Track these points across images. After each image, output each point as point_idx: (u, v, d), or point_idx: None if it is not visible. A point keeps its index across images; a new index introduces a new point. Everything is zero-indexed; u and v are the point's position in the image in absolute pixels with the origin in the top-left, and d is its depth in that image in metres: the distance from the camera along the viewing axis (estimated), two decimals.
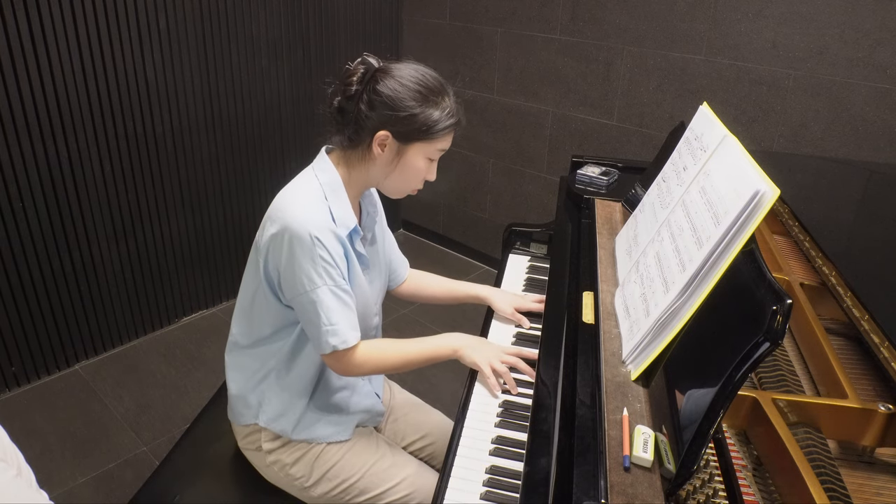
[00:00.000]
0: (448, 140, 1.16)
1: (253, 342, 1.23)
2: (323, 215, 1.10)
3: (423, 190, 1.23)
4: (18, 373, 2.29)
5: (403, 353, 1.21)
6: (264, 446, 1.24)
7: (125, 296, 2.49)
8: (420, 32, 3.11)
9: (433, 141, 1.13)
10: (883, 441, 0.86)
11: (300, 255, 1.07)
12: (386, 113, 1.09)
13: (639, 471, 0.78)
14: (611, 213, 1.47)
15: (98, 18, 2.11)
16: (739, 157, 0.92)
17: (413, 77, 1.11)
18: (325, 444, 1.24)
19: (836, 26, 1.97)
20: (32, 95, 2.03)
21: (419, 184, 1.19)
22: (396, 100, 1.09)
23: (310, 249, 1.07)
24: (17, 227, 2.11)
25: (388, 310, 2.78)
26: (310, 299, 1.09)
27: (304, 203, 1.10)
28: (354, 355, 1.15)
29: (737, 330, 0.75)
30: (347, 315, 1.13)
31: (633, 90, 2.48)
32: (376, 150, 1.12)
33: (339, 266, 1.11)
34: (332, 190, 1.14)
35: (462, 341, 1.23)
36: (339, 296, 1.11)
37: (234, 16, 2.47)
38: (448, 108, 1.13)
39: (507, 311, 1.38)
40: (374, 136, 1.11)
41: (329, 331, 1.10)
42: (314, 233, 1.06)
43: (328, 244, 1.08)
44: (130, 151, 2.33)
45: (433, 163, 1.18)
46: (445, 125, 1.12)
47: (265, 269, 1.14)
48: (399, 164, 1.14)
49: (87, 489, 1.92)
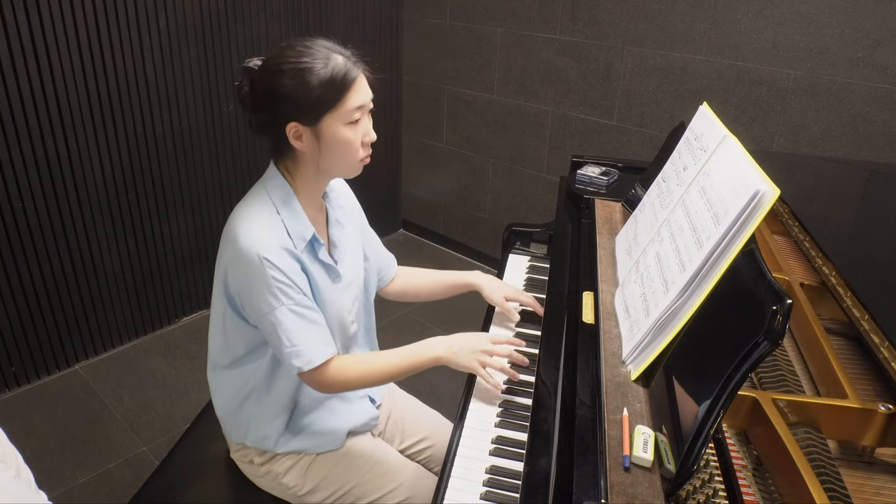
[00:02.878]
0: (355, 95, 1.07)
1: (231, 362, 1.21)
2: (275, 232, 1.07)
3: (423, 190, 1.22)
4: (18, 373, 2.30)
5: (383, 365, 1.16)
6: (255, 460, 1.24)
7: (125, 296, 2.50)
8: (420, 32, 3.11)
9: (338, 105, 1.05)
10: (883, 441, 0.86)
11: (254, 278, 1.05)
12: (277, 107, 1.06)
13: (639, 471, 0.79)
14: (611, 213, 1.47)
15: (98, 18, 2.11)
16: (739, 157, 0.92)
17: (281, 58, 1.06)
18: (314, 455, 1.23)
19: (836, 26, 1.97)
20: (32, 95, 2.04)
21: (360, 151, 1.11)
22: (276, 89, 1.05)
23: (260, 272, 1.04)
24: (17, 226, 2.12)
25: (388, 310, 2.78)
26: (269, 321, 1.07)
27: (254, 223, 1.07)
28: (328, 373, 1.11)
29: (737, 330, 0.75)
30: (312, 333, 1.09)
31: (634, 90, 2.48)
32: (297, 144, 1.08)
33: (297, 283, 1.07)
34: (284, 202, 1.11)
35: (443, 346, 1.17)
36: (301, 314, 1.07)
37: (234, 16, 2.48)
38: (331, 66, 1.04)
39: (497, 299, 1.36)
40: (286, 133, 1.07)
41: (291, 352, 1.08)
42: (262, 254, 1.04)
43: (280, 263, 1.05)
44: (130, 151, 2.34)
45: (359, 123, 1.10)
46: (336, 84, 1.04)
47: (226, 292, 1.12)
48: (324, 145, 1.08)
49: (87, 489, 1.92)
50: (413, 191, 3.48)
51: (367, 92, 1.10)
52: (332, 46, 1.09)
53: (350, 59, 1.08)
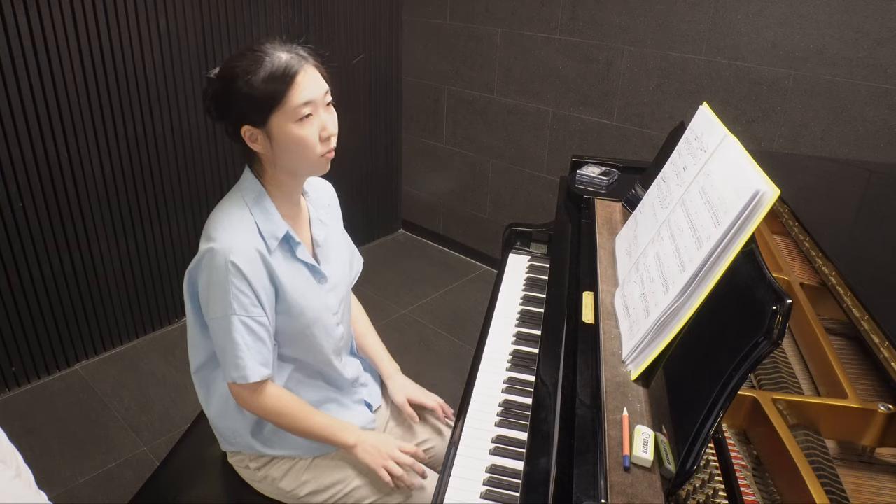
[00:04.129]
0: (299, 91, 1.03)
1: (205, 362, 1.21)
2: (246, 233, 1.07)
3: (423, 190, 1.22)
4: (18, 373, 2.31)
5: (304, 422, 1.16)
6: (251, 465, 1.25)
7: (125, 296, 2.51)
8: (420, 32, 3.12)
9: (282, 102, 1.03)
10: (883, 441, 0.86)
11: (216, 279, 1.05)
12: (230, 112, 1.07)
13: (639, 471, 0.79)
14: (611, 213, 1.47)
15: (98, 18, 2.12)
16: (739, 157, 0.92)
17: (230, 64, 1.06)
18: (311, 458, 1.24)
19: (835, 26, 1.97)
20: (32, 95, 2.05)
21: (317, 147, 1.07)
22: (226, 95, 1.05)
23: (224, 276, 1.04)
24: (17, 226, 2.13)
25: (388, 310, 2.80)
26: (220, 325, 1.07)
27: (227, 224, 1.07)
28: (257, 394, 1.12)
29: (737, 330, 0.75)
30: (256, 350, 1.09)
31: (633, 90, 2.48)
32: (255, 147, 1.08)
33: (257, 295, 1.07)
34: (256, 202, 1.11)
35: (361, 438, 1.18)
36: (251, 327, 1.07)
37: (234, 16, 2.48)
38: (272, 64, 1.02)
39: (399, 399, 1.34)
40: (243, 137, 1.07)
41: (230, 362, 1.08)
42: (230, 258, 1.04)
43: (246, 271, 1.05)
44: (130, 151, 2.34)
45: (311, 119, 1.05)
46: (271, 85, 1.02)
47: (193, 290, 1.13)
48: (276, 145, 1.06)
49: (87, 489, 1.93)
50: (413, 191, 3.49)
51: (316, 87, 1.06)
52: (279, 45, 1.06)
53: (296, 54, 1.05)
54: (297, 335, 1.17)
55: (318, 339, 1.18)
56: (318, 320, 1.18)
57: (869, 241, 1.25)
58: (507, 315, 1.41)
